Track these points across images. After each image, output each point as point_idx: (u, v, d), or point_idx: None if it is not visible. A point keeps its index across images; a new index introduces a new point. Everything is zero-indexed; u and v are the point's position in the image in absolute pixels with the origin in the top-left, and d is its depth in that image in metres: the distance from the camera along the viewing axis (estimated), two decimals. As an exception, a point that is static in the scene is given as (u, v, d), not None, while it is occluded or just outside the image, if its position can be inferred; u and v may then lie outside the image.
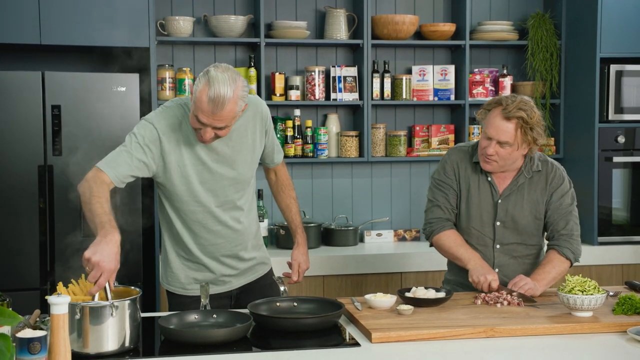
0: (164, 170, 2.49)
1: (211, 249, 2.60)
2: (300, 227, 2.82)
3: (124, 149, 2.44)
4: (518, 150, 2.64)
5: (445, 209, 2.78)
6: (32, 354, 1.75)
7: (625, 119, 4.14)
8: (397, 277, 3.89)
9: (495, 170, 2.71)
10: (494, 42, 4.34)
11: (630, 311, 2.36)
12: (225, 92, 2.27)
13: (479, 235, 2.76)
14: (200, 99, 2.30)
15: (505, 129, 2.59)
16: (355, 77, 4.24)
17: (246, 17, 4.10)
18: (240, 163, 2.55)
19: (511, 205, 2.73)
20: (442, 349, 2.12)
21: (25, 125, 3.45)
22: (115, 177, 2.39)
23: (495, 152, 2.63)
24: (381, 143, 4.29)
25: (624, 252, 4.10)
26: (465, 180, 2.77)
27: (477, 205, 2.75)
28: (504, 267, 2.76)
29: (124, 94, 3.55)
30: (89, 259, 2.09)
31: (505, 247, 2.75)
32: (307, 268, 2.78)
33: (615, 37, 4.07)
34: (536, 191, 2.74)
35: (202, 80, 2.31)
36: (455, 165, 2.79)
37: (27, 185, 3.47)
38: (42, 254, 3.49)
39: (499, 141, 2.61)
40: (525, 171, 2.73)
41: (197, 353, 2.07)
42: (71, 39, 3.61)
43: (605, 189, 4.14)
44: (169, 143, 2.46)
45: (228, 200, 2.57)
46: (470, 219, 2.76)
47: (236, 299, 2.70)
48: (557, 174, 2.75)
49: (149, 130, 2.45)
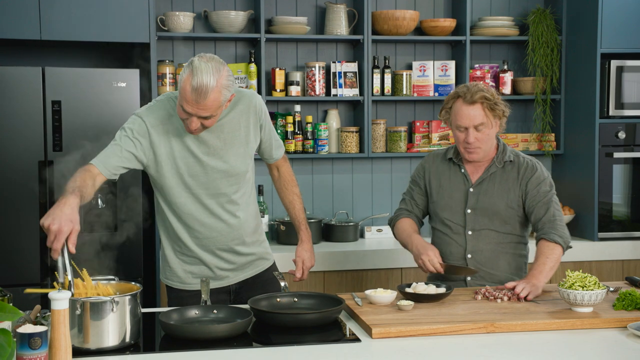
0: (155, 162, 2.50)
1: (206, 242, 2.60)
2: (304, 224, 2.81)
3: (113, 142, 2.48)
4: (493, 129, 2.74)
5: (408, 202, 2.96)
6: (32, 349, 1.75)
7: (626, 114, 4.14)
8: (398, 272, 3.89)
9: (481, 158, 2.78)
10: (495, 37, 4.34)
11: (630, 307, 2.36)
12: (208, 81, 2.29)
13: (452, 224, 2.82)
14: (184, 88, 2.32)
15: (475, 112, 2.70)
16: (356, 73, 4.24)
17: (246, 13, 4.09)
18: (232, 156, 2.55)
19: (482, 193, 2.79)
20: (443, 344, 2.12)
21: (25, 121, 3.45)
22: (104, 169, 2.41)
23: (477, 139, 2.72)
24: (381, 139, 4.29)
25: (625, 247, 4.11)
26: (437, 176, 2.88)
27: (449, 195, 2.84)
28: (477, 253, 2.79)
29: (124, 89, 3.55)
30: (43, 224, 2.10)
31: (477, 233, 2.79)
32: (312, 265, 2.77)
33: (616, 33, 4.07)
34: (508, 180, 2.79)
35: (187, 70, 2.33)
36: (427, 165, 2.93)
37: (27, 181, 3.47)
38: (42, 250, 3.49)
39: (474, 126, 2.70)
40: (497, 161, 2.80)
41: (198, 348, 2.07)
42: (71, 34, 3.60)
43: (606, 185, 4.14)
44: (159, 135, 2.48)
45: (221, 193, 2.57)
46: (443, 210, 2.84)
47: (235, 294, 2.70)
48: (529, 165, 2.81)
49: (138, 124, 2.48)
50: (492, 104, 2.70)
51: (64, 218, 2.11)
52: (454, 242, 2.82)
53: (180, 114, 2.40)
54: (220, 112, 2.43)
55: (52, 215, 2.12)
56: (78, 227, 2.14)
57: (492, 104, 2.70)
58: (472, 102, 2.70)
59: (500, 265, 2.79)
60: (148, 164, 2.51)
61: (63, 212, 2.13)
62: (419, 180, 2.93)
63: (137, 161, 2.49)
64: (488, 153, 2.79)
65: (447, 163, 2.88)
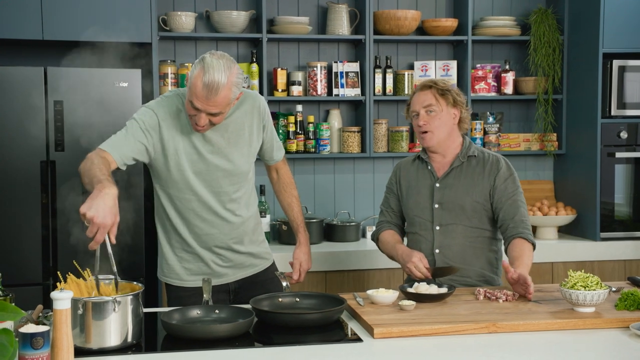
0: (163, 156, 2.52)
1: (205, 239, 2.62)
2: (302, 226, 2.83)
3: (125, 132, 2.47)
4: (445, 115, 2.79)
5: (385, 212, 3.00)
6: (34, 349, 1.75)
7: (628, 114, 4.14)
8: (399, 272, 3.89)
9: (433, 142, 2.81)
10: (497, 37, 4.34)
11: (632, 307, 2.36)
12: (219, 78, 2.32)
13: (420, 220, 2.85)
14: (195, 84, 2.34)
15: (423, 95, 2.82)
16: (358, 73, 4.24)
17: (248, 13, 4.09)
18: (236, 155, 2.57)
19: (448, 188, 2.82)
20: (444, 344, 2.12)
21: (27, 121, 3.45)
22: (118, 158, 2.41)
23: (426, 122, 2.79)
24: (383, 138, 4.29)
25: (627, 247, 4.10)
26: (406, 177, 2.93)
27: (417, 193, 2.88)
28: (445, 248, 2.80)
29: (126, 89, 3.55)
30: (84, 214, 2.07)
31: (444, 228, 2.80)
32: (309, 267, 2.80)
33: (618, 33, 4.06)
34: (473, 175, 2.82)
35: (198, 66, 2.35)
36: (398, 170, 2.99)
37: (29, 181, 3.47)
38: (44, 249, 3.49)
39: (423, 107, 2.80)
40: (460, 155, 2.84)
41: (200, 348, 2.07)
42: (73, 34, 3.61)
43: (608, 185, 4.14)
44: (168, 130, 2.50)
45: (222, 191, 2.58)
46: (412, 208, 2.88)
47: (235, 293, 2.71)
48: (494, 160, 2.84)
49: (149, 116, 2.49)
50: (442, 89, 2.79)
51: (107, 210, 2.09)
52: (423, 239, 2.84)
53: (189, 110, 2.41)
54: (229, 110, 2.45)
55: (95, 207, 2.07)
56: (118, 219, 2.12)
57: (441, 89, 2.79)
58: (422, 88, 2.84)
59: (470, 260, 2.79)
60: (155, 157, 2.53)
61: (105, 204, 2.09)
62: (392, 186, 2.99)
63: (147, 154, 2.50)
64: (441, 140, 2.81)
65: (415, 163, 2.93)
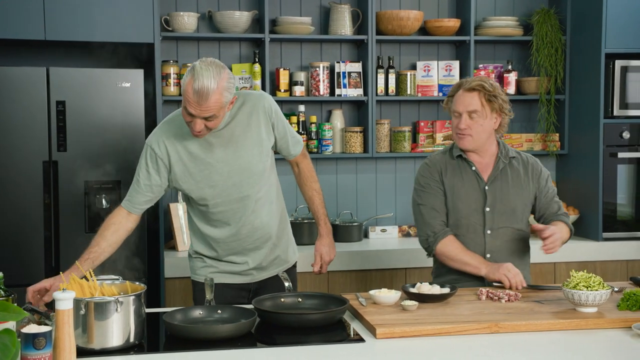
0: (177, 180, 2.60)
1: (234, 245, 2.67)
2: (323, 219, 2.85)
3: (134, 180, 2.62)
4: (487, 121, 2.76)
5: (441, 211, 2.82)
6: (37, 349, 1.76)
7: (630, 114, 4.13)
8: (402, 272, 3.89)
9: (470, 146, 2.79)
10: (499, 37, 4.33)
11: (635, 307, 2.35)
12: (209, 84, 2.37)
13: (469, 224, 2.80)
14: (186, 91, 2.41)
15: (470, 99, 2.75)
16: (360, 73, 4.24)
17: (251, 13, 4.09)
18: (247, 157, 2.59)
19: (498, 190, 2.80)
20: (447, 344, 2.12)
21: (30, 121, 3.46)
22: (131, 208, 2.60)
23: (468, 126, 2.75)
24: (385, 139, 4.29)
25: (629, 247, 4.10)
26: (449, 177, 2.84)
27: (465, 195, 2.81)
28: (495, 252, 2.79)
29: (129, 89, 3.55)
30: None
31: (495, 232, 2.79)
32: (331, 259, 2.82)
33: (620, 33, 4.06)
34: (519, 176, 2.82)
35: (189, 74, 2.42)
36: (438, 167, 2.86)
37: (32, 181, 3.48)
38: (47, 250, 3.50)
39: (468, 112, 2.75)
40: (502, 157, 2.82)
41: (202, 348, 2.07)
42: (76, 34, 3.61)
43: (610, 185, 4.13)
44: (175, 154, 2.57)
45: (244, 196, 2.62)
46: (459, 211, 2.81)
47: (255, 293, 2.73)
48: (532, 161, 2.88)
49: (149, 154, 2.59)
50: (490, 95, 2.74)
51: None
52: (472, 242, 2.79)
53: (185, 117, 2.46)
54: (223, 114, 2.47)
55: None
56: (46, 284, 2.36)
57: (489, 94, 2.74)
58: (470, 89, 2.76)
59: (517, 263, 2.78)
60: (171, 182, 2.62)
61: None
62: (434, 184, 2.82)
63: (161, 188, 2.62)
64: (479, 145, 2.79)
65: (454, 162, 2.86)
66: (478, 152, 2.82)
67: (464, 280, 2.79)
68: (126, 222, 2.59)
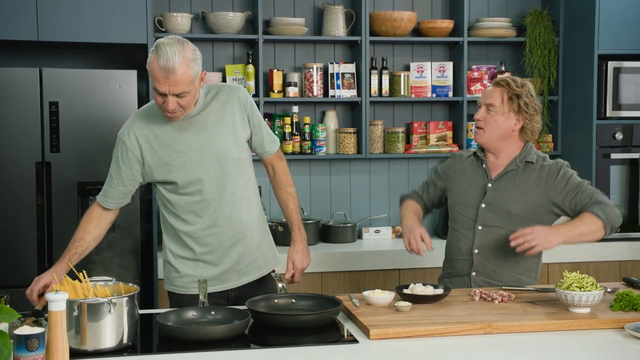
0: (151, 171, 2.56)
1: (208, 240, 2.59)
2: (296, 224, 2.75)
3: (108, 174, 2.62)
4: (504, 118, 2.74)
5: (423, 187, 3.02)
6: (29, 351, 1.75)
7: (623, 115, 4.15)
8: (395, 273, 3.89)
9: (482, 140, 2.79)
10: (492, 38, 4.34)
11: (627, 307, 2.36)
12: (173, 57, 2.39)
13: (463, 218, 2.83)
14: (153, 69, 2.41)
15: (492, 92, 2.78)
16: (354, 74, 4.24)
17: (244, 14, 4.09)
18: (220, 144, 2.56)
19: (500, 190, 2.78)
20: (440, 345, 2.12)
21: (23, 122, 3.45)
22: (104, 202, 2.61)
23: (482, 118, 2.77)
24: (379, 140, 4.29)
25: (622, 248, 4.11)
26: (461, 170, 2.90)
27: (465, 190, 2.84)
28: (484, 249, 2.78)
29: (122, 90, 3.55)
30: None
31: (486, 229, 2.78)
32: (304, 267, 2.71)
33: (613, 34, 4.07)
34: (528, 181, 2.76)
35: (153, 53, 2.44)
36: (453, 162, 2.95)
37: (24, 182, 3.47)
38: (39, 251, 3.49)
39: (486, 104, 2.76)
40: (518, 159, 2.79)
41: (195, 350, 2.07)
42: (69, 35, 3.60)
43: (603, 186, 4.14)
44: (146, 143, 2.55)
45: (220, 184, 2.56)
46: (458, 204, 2.85)
47: (234, 301, 2.65)
48: (552, 167, 2.76)
49: (120, 147, 2.58)
50: (513, 94, 2.72)
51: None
52: (463, 237, 2.82)
53: (156, 99, 2.46)
54: (195, 90, 2.46)
55: None
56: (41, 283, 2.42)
57: (512, 92, 2.73)
58: (496, 83, 2.79)
59: (509, 265, 2.77)
60: (145, 174, 2.59)
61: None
62: (442, 173, 2.96)
63: (133, 181, 2.60)
64: (491, 141, 2.77)
65: (470, 159, 2.89)
66: (494, 151, 2.81)
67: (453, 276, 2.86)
68: (106, 214, 2.61)
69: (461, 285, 2.81)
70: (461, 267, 2.83)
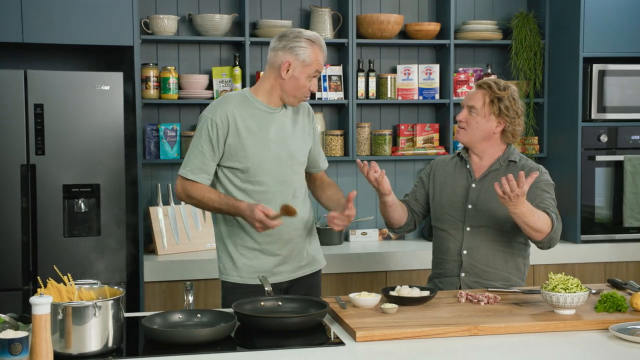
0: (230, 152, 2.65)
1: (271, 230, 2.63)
2: None
3: (198, 153, 2.66)
4: (485, 120, 2.78)
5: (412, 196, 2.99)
6: (13, 354, 1.74)
7: (608, 117, 4.17)
8: (382, 275, 3.90)
9: (464, 139, 2.83)
10: (478, 41, 4.36)
11: (612, 309, 2.38)
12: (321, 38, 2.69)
13: (451, 219, 2.84)
14: (317, 57, 2.63)
15: (474, 94, 2.82)
16: (340, 76, 4.24)
17: (231, 16, 4.09)
18: (295, 143, 2.72)
19: (484, 189, 2.81)
20: (427, 347, 2.13)
21: (7, 124, 3.42)
22: (206, 179, 2.67)
23: (464, 119, 2.81)
24: (366, 142, 4.30)
25: (607, 250, 4.13)
26: (442, 173, 2.91)
27: (451, 191, 2.86)
28: (473, 250, 2.80)
29: (108, 92, 3.53)
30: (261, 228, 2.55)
31: (475, 230, 2.80)
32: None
33: (598, 37, 4.10)
34: None
35: (304, 43, 2.62)
36: (434, 164, 2.98)
37: (9, 185, 3.44)
38: (24, 254, 3.46)
39: (468, 105, 2.81)
40: (501, 159, 2.83)
41: (181, 353, 2.06)
42: (54, 37, 3.58)
43: (588, 188, 4.17)
44: (234, 125, 2.65)
45: (288, 180, 2.70)
46: (444, 205, 2.87)
47: (285, 292, 2.75)
48: (532, 168, 2.80)
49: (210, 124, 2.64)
50: (495, 97, 2.77)
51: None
52: (452, 238, 2.83)
53: (304, 85, 2.64)
54: None
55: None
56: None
57: (494, 97, 2.77)
58: (478, 86, 2.83)
59: (498, 264, 2.79)
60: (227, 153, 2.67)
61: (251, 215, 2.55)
62: (424, 178, 2.97)
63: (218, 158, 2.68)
64: (472, 141, 2.81)
65: (453, 161, 2.92)
66: (477, 151, 2.84)
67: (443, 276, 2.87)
68: None
69: (451, 286, 2.82)
70: (450, 267, 2.84)
